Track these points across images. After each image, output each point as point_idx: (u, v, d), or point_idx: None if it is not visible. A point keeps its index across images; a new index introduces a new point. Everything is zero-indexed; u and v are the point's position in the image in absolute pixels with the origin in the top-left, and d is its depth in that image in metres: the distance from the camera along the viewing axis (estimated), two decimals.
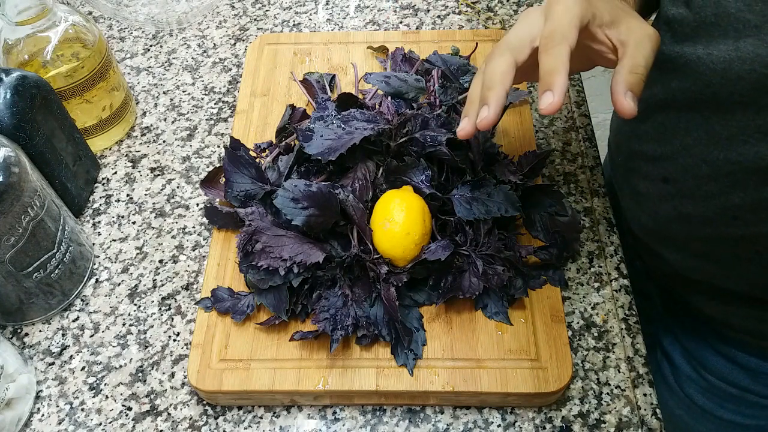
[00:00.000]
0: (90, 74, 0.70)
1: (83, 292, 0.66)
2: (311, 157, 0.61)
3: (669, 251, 0.63)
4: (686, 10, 0.53)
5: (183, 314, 0.64)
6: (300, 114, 0.72)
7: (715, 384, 0.68)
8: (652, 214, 0.63)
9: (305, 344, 0.58)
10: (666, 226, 0.61)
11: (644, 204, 0.64)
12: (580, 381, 0.59)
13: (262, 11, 0.89)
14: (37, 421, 0.58)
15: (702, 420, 0.71)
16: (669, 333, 0.73)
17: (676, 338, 0.72)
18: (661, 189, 0.59)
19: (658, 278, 0.71)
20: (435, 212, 0.61)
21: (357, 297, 0.58)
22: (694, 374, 0.70)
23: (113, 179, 0.74)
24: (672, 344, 0.72)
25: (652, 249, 0.66)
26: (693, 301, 0.65)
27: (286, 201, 0.58)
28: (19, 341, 0.63)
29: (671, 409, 0.74)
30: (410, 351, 0.57)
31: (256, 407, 0.59)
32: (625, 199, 0.69)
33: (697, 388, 0.70)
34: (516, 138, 0.71)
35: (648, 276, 0.74)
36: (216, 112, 0.79)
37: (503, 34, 0.80)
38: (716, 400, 0.69)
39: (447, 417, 0.58)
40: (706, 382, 0.69)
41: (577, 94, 0.79)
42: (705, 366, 0.68)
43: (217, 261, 0.64)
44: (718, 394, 0.68)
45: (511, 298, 0.60)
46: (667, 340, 0.73)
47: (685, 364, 0.70)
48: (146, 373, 0.61)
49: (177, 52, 0.85)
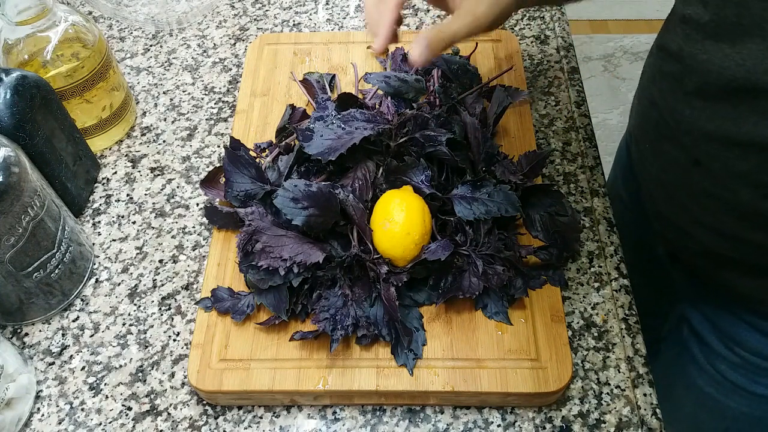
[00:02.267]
0: (90, 74, 0.70)
1: (83, 292, 0.66)
2: (311, 157, 0.61)
3: (700, 231, 0.63)
4: (702, 9, 0.54)
5: (183, 314, 0.64)
6: (300, 114, 0.72)
7: (748, 359, 0.68)
8: (683, 197, 0.63)
9: (305, 344, 0.58)
10: (697, 207, 0.62)
11: (674, 187, 0.64)
12: (580, 381, 0.59)
13: (262, 11, 0.89)
14: (37, 421, 0.58)
15: (734, 396, 0.71)
16: (697, 312, 0.73)
17: (706, 317, 0.72)
18: (692, 172, 0.60)
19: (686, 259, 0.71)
20: (435, 212, 0.61)
21: (357, 297, 0.58)
22: (725, 351, 0.70)
23: (113, 179, 0.74)
24: (701, 323, 0.72)
25: (682, 229, 0.66)
26: (725, 279, 0.66)
27: (286, 201, 0.58)
28: (19, 341, 0.63)
29: (700, 387, 0.74)
30: (410, 351, 0.57)
31: (256, 407, 0.59)
32: (651, 185, 0.70)
33: (729, 364, 0.70)
34: (516, 138, 0.71)
35: (673, 259, 0.74)
36: (216, 112, 0.79)
37: (503, 33, 0.80)
38: (750, 376, 0.69)
39: (447, 417, 0.58)
40: (738, 358, 0.69)
41: (577, 94, 0.79)
42: (738, 342, 0.68)
43: (217, 261, 0.64)
44: (752, 369, 0.68)
45: (511, 298, 0.60)
46: (696, 319, 0.73)
47: (716, 341, 0.70)
48: (146, 373, 0.61)
49: (177, 52, 0.85)
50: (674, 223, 0.67)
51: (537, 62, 0.82)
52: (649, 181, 0.70)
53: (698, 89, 0.56)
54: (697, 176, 0.59)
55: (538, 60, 0.82)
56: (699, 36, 0.55)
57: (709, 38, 0.53)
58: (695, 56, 0.55)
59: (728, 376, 0.71)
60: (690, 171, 0.60)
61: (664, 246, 0.75)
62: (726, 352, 0.70)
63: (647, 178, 0.70)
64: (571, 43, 0.84)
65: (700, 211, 0.62)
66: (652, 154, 0.67)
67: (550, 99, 0.78)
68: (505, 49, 0.79)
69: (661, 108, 0.62)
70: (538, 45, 0.83)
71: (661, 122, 0.63)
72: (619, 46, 2.19)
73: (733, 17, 0.51)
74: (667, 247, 0.75)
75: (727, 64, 0.52)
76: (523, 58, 0.82)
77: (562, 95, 0.78)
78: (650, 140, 0.67)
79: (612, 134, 1.97)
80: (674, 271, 0.75)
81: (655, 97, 0.64)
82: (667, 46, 0.61)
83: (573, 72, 0.81)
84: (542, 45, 0.83)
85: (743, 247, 0.60)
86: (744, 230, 0.59)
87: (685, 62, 0.57)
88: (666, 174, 0.65)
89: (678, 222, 0.66)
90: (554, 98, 0.78)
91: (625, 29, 2.25)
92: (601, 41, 2.21)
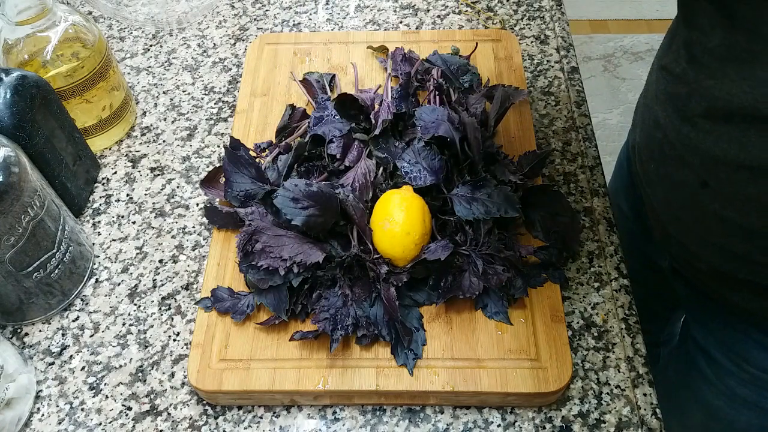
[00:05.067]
0: (90, 74, 0.70)
1: (83, 292, 0.66)
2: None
3: (707, 251, 0.63)
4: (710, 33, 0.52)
5: (183, 314, 0.64)
6: (300, 114, 0.72)
7: (757, 376, 0.68)
8: (690, 217, 0.63)
9: (305, 344, 0.58)
10: (705, 228, 0.61)
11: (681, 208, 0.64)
12: (580, 381, 0.59)
13: (262, 11, 0.89)
14: (37, 421, 0.58)
15: (744, 410, 0.71)
16: (702, 327, 0.73)
17: (711, 332, 0.71)
18: (699, 193, 0.59)
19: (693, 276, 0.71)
20: (435, 212, 0.61)
21: (357, 297, 0.58)
22: (734, 367, 0.69)
23: (113, 179, 0.74)
24: (707, 338, 0.72)
25: (687, 248, 0.66)
26: (732, 297, 0.65)
27: (286, 201, 0.58)
28: (19, 341, 0.63)
29: (709, 400, 0.74)
30: (410, 351, 0.57)
31: (256, 407, 0.59)
32: (656, 203, 0.69)
33: (737, 380, 0.70)
34: (516, 138, 0.71)
35: (676, 273, 0.73)
36: (216, 111, 0.79)
37: (503, 34, 0.80)
38: (759, 391, 0.69)
39: (447, 417, 0.58)
40: (747, 374, 0.68)
41: (577, 94, 0.79)
42: (746, 359, 0.68)
43: (217, 261, 0.64)
44: (762, 385, 0.68)
45: (511, 297, 0.60)
46: (700, 334, 0.73)
47: (724, 358, 0.70)
48: (146, 373, 0.61)
49: (177, 51, 0.85)
50: (680, 241, 0.66)
51: (537, 62, 0.82)
52: (654, 200, 0.69)
53: (705, 113, 0.55)
54: (705, 198, 0.59)
55: (538, 60, 0.82)
56: (706, 60, 0.54)
57: (716, 62, 0.52)
58: (701, 81, 0.54)
59: (738, 392, 0.70)
60: (698, 193, 0.59)
61: (667, 260, 0.74)
62: (734, 368, 0.69)
63: (652, 197, 0.69)
64: (571, 43, 0.84)
65: (707, 232, 0.61)
66: (658, 175, 0.66)
67: (550, 99, 0.78)
68: (505, 49, 0.79)
69: (667, 129, 0.61)
70: (538, 45, 0.83)
71: (666, 143, 0.62)
72: (619, 46, 2.19)
73: (744, 43, 0.49)
74: (670, 262, 0.74)
75: (734, 91, 0.51)
76: (523, 58, 0.82)
77: (562, 95, 0.78)
78: (655, 160, 0.66)
79: (612, 134, 1.97)
80: (677, 285, 0.75)
81: (659, 117, 0.63)
82: (670, 67, 0.60)
83: (573, 72, 0.81)
84: (542, 45, 0.83)
85: (751, 268, 0.60)
86: (753, 251, 0.58)
87: (690, 86, 0.56)
88: (672, 195, 0.64)
89: (684, 241, 0.65)
90: (554, 98, 0.78)
91: (625, 29, 2.25)
92: (601, 41, 2.21)
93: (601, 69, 2.15)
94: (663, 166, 0.65)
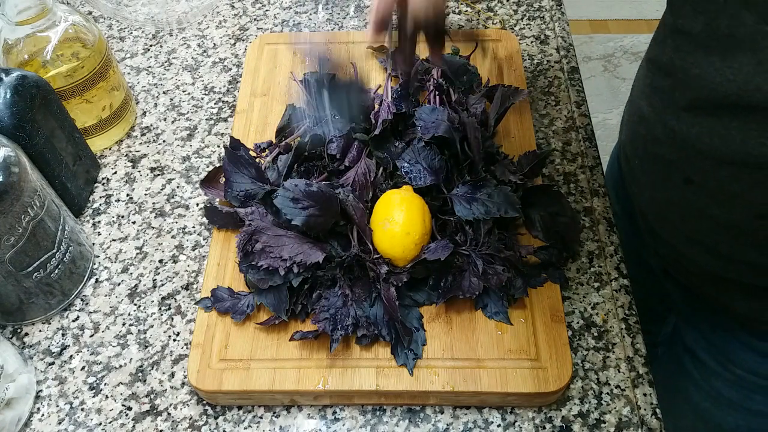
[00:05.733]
0: (90, 74, 0.70)
1: (83, 292, 0.66)
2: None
3: (693, 250, 0.63)
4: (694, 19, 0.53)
5: (183, 314, 0.64)
6: (300, 114, 0.72)
7: (743, 377, 0.68)
8: (676, 215, 0.63)
9: (305, 344, 0.58)
10: (690, 226, 0.61)
11: (666, 205, 0.64)
12: (580, 381, 0.59)
13: (262, 11, 0.89)
14: (37, 421, 0.58)
15: (730, 411, 0.71)
16: (692, 328, 0.73)
17: (701, 334, 0.71)
18: (684, 190, 0.59)
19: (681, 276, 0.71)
20: (435, 212, 0.61)
21: (357, 297, 0.58)
22: (720, 368, 0.70)
23: (113, 179, 0.74)
24: (696, 340, 0.72)
25: (674, 247, 0.66)
26: (718, 297, 0.65)
27: (286, 201, 0.58)
28: (19, 341, 0.63)
29: (696, 402, 0.74)
30: (410, 351, 0.57)
31: (256, 407, 0.59)
32: (643, 202, 0.69)
33: (724, 381, 0.70)
34: (516, 138, 0.71)
35: (667, 273, 0.74)
36: (216, 112, 0.79)
37: (503, 34, 0.80)
38: (745, 392, 0.69)
39: (447, 417, 0.58)
40: (733, 376, 0.69)
41: (577, 94, 0.79)
42: (732, 360, 0.68)
43: (217, 261, 0.64)
44: (747, 386, 0.68)
45: (511, 297, 0.60)
46: (689, 336, 0.73)
47: (711, 359, 0.70)
48: (146, 373, 0.61)
49: (177, 51, 0.85)
50: (667, 241, 0.67)
51: (537, 62, 0.82)
52: (641, 199, 0.69)
53: (690, 104, 0.55)
54: (690, 195, 0.59)
55: (538, 60, 0.82)
56: (690, 47, 0.54)
57: (700, 50, 0.52)
58: (687, 70, 0.54)
59: (724, 393, 0.70)
60: (682, 189, 0.59)
61: (657, 261, 0.74)
62: (720, 369, 0.70)
63: (639, 196, 0.70)
64: (571, 43, 0.84)
65: (692, 230, 0.61)
66: (643, 172, 0.66)
67: (550, 99, 0.78)
68: (505, 49, 0.79)
69: (652, 124, 0.61)
70: (538, 45, 0.83)
71: (650, 139, 0.62)
72: (619, 46, 2.19)
73: (725, 28, 0.49)
74: (660, 262, 0.74)
75: (718, 79, 0.51)
76: (523, 58, 0.82)
77: (562, 95, 0.78)
78: (640, 157, 0.66)
79: (612, 134, 1.96)
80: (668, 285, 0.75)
81: (645, 112, 0.63)
82: (658, 59, 0.60)
83: (573, 72, 0.81)
84: (542, 45, 0.83)
85: (737, 267, 0.60)
86: (737, 250, 0.58)
87: (676, 76, 0.56)
88: (657, 192, 0.65)
89: (671, 240, 0.66)
90: (554, 98, 0.78)
91: (625, 29, 2.25)
92: (601, 41, 2.21)
93: (601, 69, 2.15)
94: (647, 163, 0.65)
